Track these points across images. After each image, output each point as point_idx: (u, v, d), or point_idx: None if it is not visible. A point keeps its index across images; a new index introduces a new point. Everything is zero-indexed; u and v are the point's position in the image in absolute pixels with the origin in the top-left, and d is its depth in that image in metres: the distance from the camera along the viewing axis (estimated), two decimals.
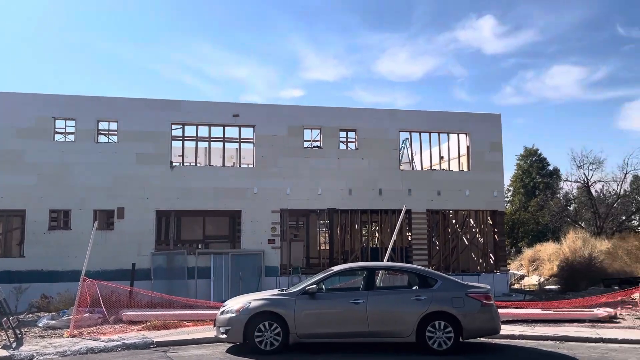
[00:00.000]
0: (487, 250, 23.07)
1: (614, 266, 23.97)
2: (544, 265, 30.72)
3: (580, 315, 13.74)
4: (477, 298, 9.73)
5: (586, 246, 29.30)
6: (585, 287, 21.23)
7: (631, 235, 29.44)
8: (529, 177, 60.37)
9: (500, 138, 23.33)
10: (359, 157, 21.59)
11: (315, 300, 9.80)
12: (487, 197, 22.62)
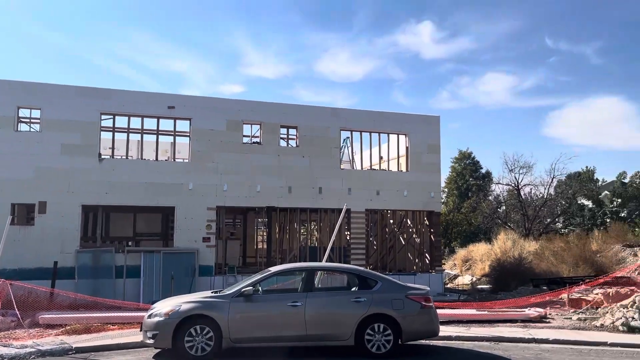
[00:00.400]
0: (423, 250, 23.33)
1: (541, 266, 24.86)
2: (476, 265, 31.58)
3: (513, 315, 14.00)
4: (417, 300, 9.58)
5: (516, 247, 30.38)
6: (515, 287, 21.85)
7: (557, 237, 30.75)
8: (463, 179, 62.28)
9: (438, 140, 23.65)
10: (299, 154, 21.20)
11: (251, 303, 9.32)
12: (424, 198, 22.86)
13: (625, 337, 11.50)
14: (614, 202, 48.13)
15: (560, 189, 42.57)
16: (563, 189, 42.57)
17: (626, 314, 12.67)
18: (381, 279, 9.92)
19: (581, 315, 14.07)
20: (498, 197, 50.13)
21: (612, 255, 25.00)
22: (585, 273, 23.34)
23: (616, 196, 48.96)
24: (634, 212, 46.25)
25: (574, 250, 25.06)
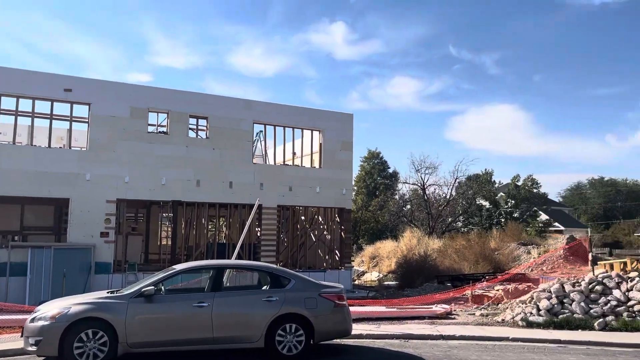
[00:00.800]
0: (333, 247, 23.28)
1: (445, 263, 25.78)
2: (383, 262, 32.19)
3: (421, 312, 14.16)
4: (330, 298, 9.25)
5: (421, 245, 31.36)
6: (420, 283, 22.40)
7: (459, 236, 32.13)
8: (371, 178, 63.67)
9: (351, 137, 23.70)
10: (209, 146, 20.28)
11: (152, 304, 8.50)
12: (336, 195, 22.80)
13: (525, 332, 11.95)
14: (508, 203, 51.39)
15: (461, 189, 44.63)
16: (464, 190, 44.67)
17: (525, 309, 13.22)
18: (294, 277, 9.48)
19: (484, 311, 14.54)
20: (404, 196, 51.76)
21: (509, 252, 26.47)
22: (484, 270, 24.48)
23: (510, 197, 52.31)
24: (525, 213, 49.70)
25: (475, 248, 26.22)
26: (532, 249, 26.71)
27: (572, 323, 12.37)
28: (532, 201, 51.86)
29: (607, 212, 78.23)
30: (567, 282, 13.44)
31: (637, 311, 12.30)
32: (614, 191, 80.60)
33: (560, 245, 25.69)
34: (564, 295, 13.09)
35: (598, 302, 12.79)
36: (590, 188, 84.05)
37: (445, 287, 20.37)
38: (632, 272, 13.26)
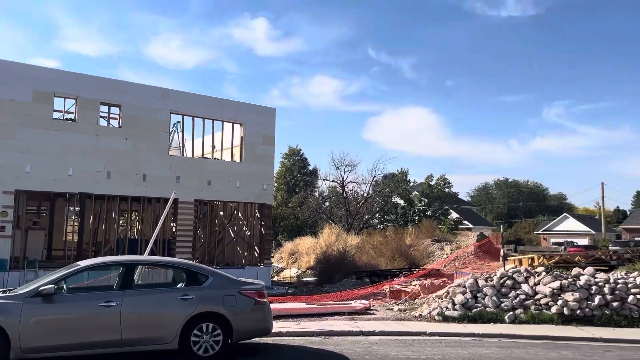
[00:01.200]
0: (253, 243, 22.80)
1: (363, 259, 26.09)
2: (302, 258, 32.13)
3: (340, 308, 14.09)
4: (251, 296, 8.85)
5: (339, 241, 31.62)
6: (339, 279, 22.49)
7: (376, 232, 32.71)
8: (292, 174, 63.63)
9: (273, 132, 23.31)
10: (122, 136, 19.09)
11: (51, 304, 7.69)
12: (257, 190, 22.33)
13: (441, 326, 12.19)
14: (422, 202, 53.16)
15: (378, 188, 45.61)
16: (380, 188, 45.67)
17: (441, 304, 13.51)
18: (212, 273, 8.98)
19: (401, 306, 14.72)
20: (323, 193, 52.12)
21: (423, 249, 27.25)
22: (401, 265, 25.01)
23: (424, 196, 54.14)
24: (437, 211, 51.66)
25: (392, 244, 26.75)
26: (445, 245, 27.69)
27: (485, 316, 12.78)
28: (444, 200, 53.96)
29: (511, 211, 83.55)
30: (480, 277, 13.89)
31: (544, 304, 12.91)
32: (516, 192, 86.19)
33: (471, 242, 26.83)
34: (478, 290, 13.51)
35: (508, 296, 13.31)
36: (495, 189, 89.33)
37: (364, 283, 20.56)
38: (539, 267, 13.95)
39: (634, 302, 12.61)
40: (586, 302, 12.71)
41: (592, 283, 12.97)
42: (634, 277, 13.11)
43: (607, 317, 12.48)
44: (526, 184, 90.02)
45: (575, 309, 12.62)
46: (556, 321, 12.51)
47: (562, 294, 12.85)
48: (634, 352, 9.89)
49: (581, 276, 13.22)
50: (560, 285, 12.92)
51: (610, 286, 12.82)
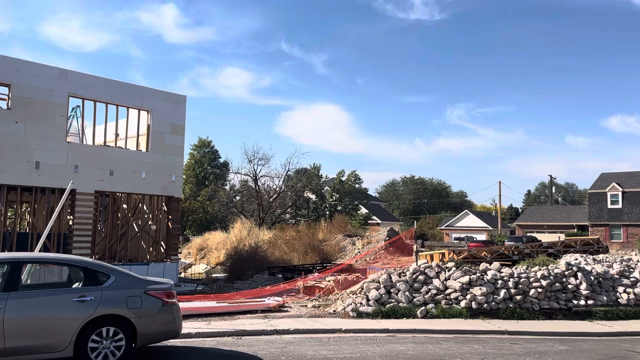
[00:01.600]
0: (159, 238, 21.57)
1: (275, 254, 25.64)
2: (211, 253, 31.07)
3: (253, 306, 13.56)
4: (158, 296, 8.10)
5: (251, 236, 30.93)
6: (251, 275, 21.87)
7: (289, 227, 32.39)
8: (201, 167, 61.72)
9: (183, 121, 22.18)
10: (11, 119, 17.19)
11: None
12: (164, 182, 21.13)
13: (356, 323, 12.07)
14: (333, 197, 53.69)
15: (290, 182, 45.35)
16: (293, 183, 45.45)
17: (355, 300, 13.41)
18: (115, 272, 8.11)
19: (315, 303, 14.46)
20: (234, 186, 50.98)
21: (336, 243, 27.32)
22: (313, 260, 24.87)
23: (335, 192, 54.72)
24: (348, 206, 52.42)
25: (304, 239, 26.54)
26: (356, 240, 27.94)
27: (398, 312, 12.84)
28: (354, 195, 54.89)
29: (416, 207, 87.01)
30: (394, 272, 13.95)
31: (454, 299, 13.22)
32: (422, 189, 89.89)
33: (381, 237, 27.29)
34: (391, 285, 13.56)
35: (420, 291, 13.48)
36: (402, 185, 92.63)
37: (277, 279, 20.14)
38: (449, 263, 14.28)
39: (535, 295, 13.24)
40: (492, 296, 13.18)
41: (498, 277, 13.48)
42: (535, 271, 13.78)
43: (511, 310, 13.01)
44: (431, 182, 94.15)
45: (482, 302, 13.03)
46: (465, 315, 12.85)
47: (471, 289, 13.22)
48: (538, 344, 10.29)
49: (488, 271, 13.69)
50: (469, 280, 13.28)
51: (514, 280, 13.39)
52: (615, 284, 13.94)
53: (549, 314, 13.12)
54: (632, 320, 12.99)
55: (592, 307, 13.26)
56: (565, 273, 13.71)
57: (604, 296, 13.53)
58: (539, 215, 59.74)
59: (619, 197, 50.10)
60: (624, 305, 13.47)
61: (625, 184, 50.56)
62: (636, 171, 52.59)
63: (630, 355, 9.15)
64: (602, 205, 50.93)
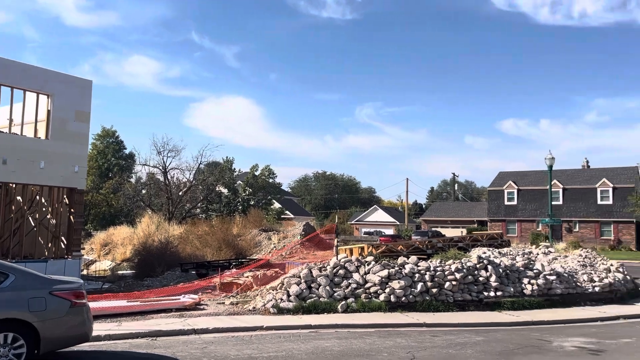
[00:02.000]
0: (59, 233, 19.90)
1: (187, 250, 24.68)
2: (117, 249, 29.36)
3: (167, 304, 12.85)
4: (66, 297, 7.32)
5: (160, 231, 29.59)
6: (162, 272, 20.85)
7: (202, 222, 31.38)
8: (105, 158, 58.37)
9: (89, 107, 20.58)
10: None
11: None
12: (66, 172, 19.48)
13: (277, 319, 11.78)
14: (246, 191, 52.93)
15: (202, 176, 44.05)
16: (205, 177, 44.18)
17: (276, 295, 13.10)
18: (14, 271, 7.21)
19: (233, 300, 13.97)
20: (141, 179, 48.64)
21: (251, 238, 26.84)
22: (227, 256, 24.25)
23: (249, 186, 53.99)
24: (261, 201, 51.91)
25: (218, 234, 25.82)
26: (272, 235, 27.61)
27: (319, 307, 12.72)
28: (268, 190, 54.46)
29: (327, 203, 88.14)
30: (314, 267, 13.80)
31: (373, 293, 13.31)
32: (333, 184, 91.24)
33: (297, 232, 27.16)
34: (312, 280, 13.41)
35: (341, 285, 13.45)
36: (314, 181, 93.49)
37: (190, 276, 19.37)
38: (368, 257, 14.39)
39: (450, 288, 13.68)
40: (410, 289, 13.43)
41: (416, 271, 13.77)
42: (449, 264, 14.24)
43: (428, 302, 13.34)
44: (342, 177, 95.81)
45: (401, 296, 13.24)
46: (384, 308, 12.99)
47: (390, 282, 13.39)
48: (456, 335, 10.58)
49: (406, 265, 13.94)
50: (388, 274, 13.44)
51: (431, 274, 13.74)
52: (521, 276, 14.76)
53: (462, 306, 13.60)
54: (536, 309, 13.81)
55: (500, 298, 13.93)
56: (477, 266, 14.29)
57: (511, 287, 14.27)
58: (443, 210, 62.75)
59: (515, 195, 53.83)
60: (529, 295, 14.28)
61: (520, 182, 54.39)
62: (530, 170, 56.79)
63: (542, 344, 9.65)
64: (500, 202, 54.47)
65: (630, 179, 48.62)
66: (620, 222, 47.25)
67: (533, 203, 52.68)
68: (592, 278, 15.71)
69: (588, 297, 15.20)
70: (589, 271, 16.27)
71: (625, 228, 47.08)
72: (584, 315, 13.40)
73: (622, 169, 50.81)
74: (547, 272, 15.01)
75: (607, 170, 50.02)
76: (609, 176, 49.28)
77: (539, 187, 52.79)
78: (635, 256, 38.21)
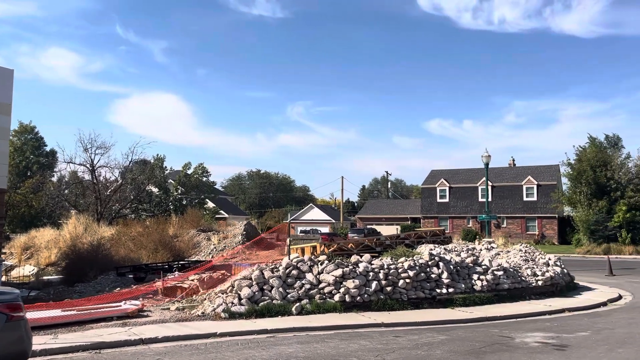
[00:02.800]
0: None
1: (120, 253, 23.25)
2: (41, 253, 27.25)
3: (107, 312, 11.83)
4: (0, 310, 6.36)
5: (89, 232, 27.79)
6: (94, 276, 19.46)
7: (135, 222, 29.79)
8: (23, 155, 54.59)
9: (10, 99, 18.80)
10: None
11: None
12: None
13: (230, 325, 11.11)
14: (178, 190, 51.10)
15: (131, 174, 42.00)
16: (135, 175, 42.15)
17: (226, 299, 12.40)
18: None
19: (179, 305, 13.10)
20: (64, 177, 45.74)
21: (189, 239, 25.73)
22: (164, 258, 23.11)
23: (181, 185, 52.17)
24: (194, 200, 50.31)
25: (154, 235, 24.57)
26: (212, 235, 26.58)
27: (273, 310, 12.17)
28: (201, 189, 52.85)
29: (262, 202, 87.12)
30: (266, 268, 13.22)
31: (328, 293, 12.92)
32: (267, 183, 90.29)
33: (238, 232, 26.30)
34: (264, 282, 12.82)
35: (294, 286, 12.95)
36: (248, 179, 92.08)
37: (127, 280, 18.19)
38: (321, 256, 13.97)
39: (404, 286, 13.53)
40: (365, 288, 13.16)
41: (370, 270, 13.51)
42: (402, 262, 14.10)
43: (382, 301, 13.11)
44: (276, 176, 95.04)
45: (355, 295, 12.93)
46: (339, 309, 12.63)
47: (344, 282, 13.05)
48: (419, 335, 10.38)
49: (360, 263, 13.66)
50: (342, 273, 13.09)
51: (385, 272, 13.54)
52: (471, 272, 14.89)
53: (416, 304, 13.49)
54: (487, 305, 13.95)
55: (452, 294, 13.96)
56: (429, 263, 14.25)
57: (462, 284, 14.35)
58: (377, 208, 63.61)
59: (447, 192, 55.45)
60: (479, 291, 14.42)
61: (451, 180, 56.10)
62: (461, 169, 58.74)
63: (505, 340, 9.63)
64: (433, 200, 55.91)
65: (553, 176, 51.39)
66: (544, 217, 49.80)
67: (464, 200, 54.47)
68: (535, 272, 16.15)
69: (532, 291, 15.60)
70: (531, 265, 16.74)
71: (549, 223, 49.69)
72: (532, 309, 13.68)
73: (545, 167, 53.63)
74: (494, 267, 15.25)
75: (532, 168, 52.61)
76: (534, 174, 51.84)
77: (470, 184, 54.68)
78: (557, 250, 40.36)
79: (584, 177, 41.18)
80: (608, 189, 40.78)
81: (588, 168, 41.39)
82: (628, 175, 41.14)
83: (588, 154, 43.37)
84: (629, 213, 38.31)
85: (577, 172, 41.85)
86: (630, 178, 40.94)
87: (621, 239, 38.44)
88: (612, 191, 40.58)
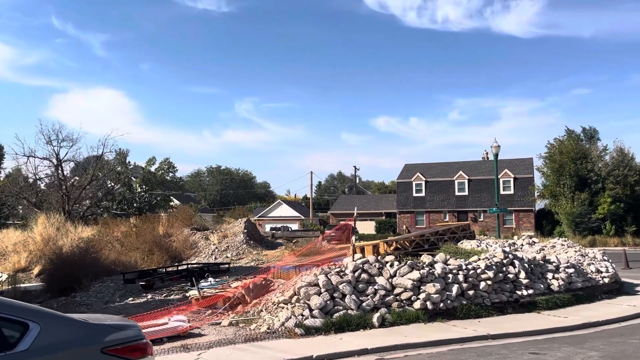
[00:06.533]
0: None
1: (111, 256, 20.50)
2: (8, 258, 23.95)
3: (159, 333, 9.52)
4: (124, 355, 4.17)
5: (62, 233, 24.75)
6: (88, 284, 16.78)
7: (118, 222, 26.86)
8: None
9: None
10: None
11: None
12: None
13: (315, 343, 9.16)
14: (142, 187, 47.70)
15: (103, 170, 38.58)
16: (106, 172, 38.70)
17: (294, 311, 10.37)
18: (41, 316, 3.90)
19: (231, 319, 10.93)
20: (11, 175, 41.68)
21: (184, 239, 23.24)
22: (160, 259, 20.71)
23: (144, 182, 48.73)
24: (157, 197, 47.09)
25: (146, 235, 21.96)
26: (210, 234, 24.13)
27: (352, 322, 10.25)
28: (167, 186, 49.68)
29: (223, 199, 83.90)
30: (331, 271, 11.26)
31: (405, 300, 11.11)
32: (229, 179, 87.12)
33: (238, 230, 23.97)
34: (334, 289, 10.87)
35: (366, 293, 11.08)
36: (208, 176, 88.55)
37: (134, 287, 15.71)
38: (387, 257, 12.14)
39: (485, 289, 11.91)
40: (445, 293, 11.44)
41: (447, 271, 11.79)
42: (475, 261, 12.49)
43: (467, 308, 11.43)
44: (237, 172, 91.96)
45: (437, 302, 11.19)
46: (422, 318, 10.86)
47: (422, 286, 11.29)
48: (549, 349, 8.74)
49: (436, 264, 11.90)
50: (420, 276, 11.32)
51: (464, 273, 11.87)
52: (543, 270, 13.46)
53: (500, 308, 11.89)
54: (568, 307, 12.50)
55: (533, 296, 12.45)
56: (504, 262, 12.68)
57: (540, 284, 12.89)
58: (350, 203, 62.15)
59: (423, 186, 54.65)
60: (557, 292, 12.99)
61: (427, 174, 55.35)
62: (435, 162, 58.13)
63: None
64: (409, 194, 54.98)
65: (528, 169, 51.51)
66: (520, 210, 49.81)
67: (440, 194, 53.86)
68: (598, 269, 14.94)
69: (601, 290, 14.35)
70: (590, 262, 15.53)
71: (526, 216, 49.74)
72: (621, 312, 12.30)
73: (520, 160, 53.75)
74: (564, 264, 13.90)
75: (507, 161, 52.51)
76: (510, 167, 51.80)
77: (445, 178, 54.10)
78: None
79: (566, 169, 41.22)
80: (589, 181, 41.00)
81: (569, 160, 41.47)
82: (608, 168, 41.53)
83: (567, 147, 43.53)
84: (614, 205, 38.55)
85: (559, 165, 41.85)
86: (610, 170, 41.32)
87: (605, 230, 38.65)
88: (592, 183, 40.82)
